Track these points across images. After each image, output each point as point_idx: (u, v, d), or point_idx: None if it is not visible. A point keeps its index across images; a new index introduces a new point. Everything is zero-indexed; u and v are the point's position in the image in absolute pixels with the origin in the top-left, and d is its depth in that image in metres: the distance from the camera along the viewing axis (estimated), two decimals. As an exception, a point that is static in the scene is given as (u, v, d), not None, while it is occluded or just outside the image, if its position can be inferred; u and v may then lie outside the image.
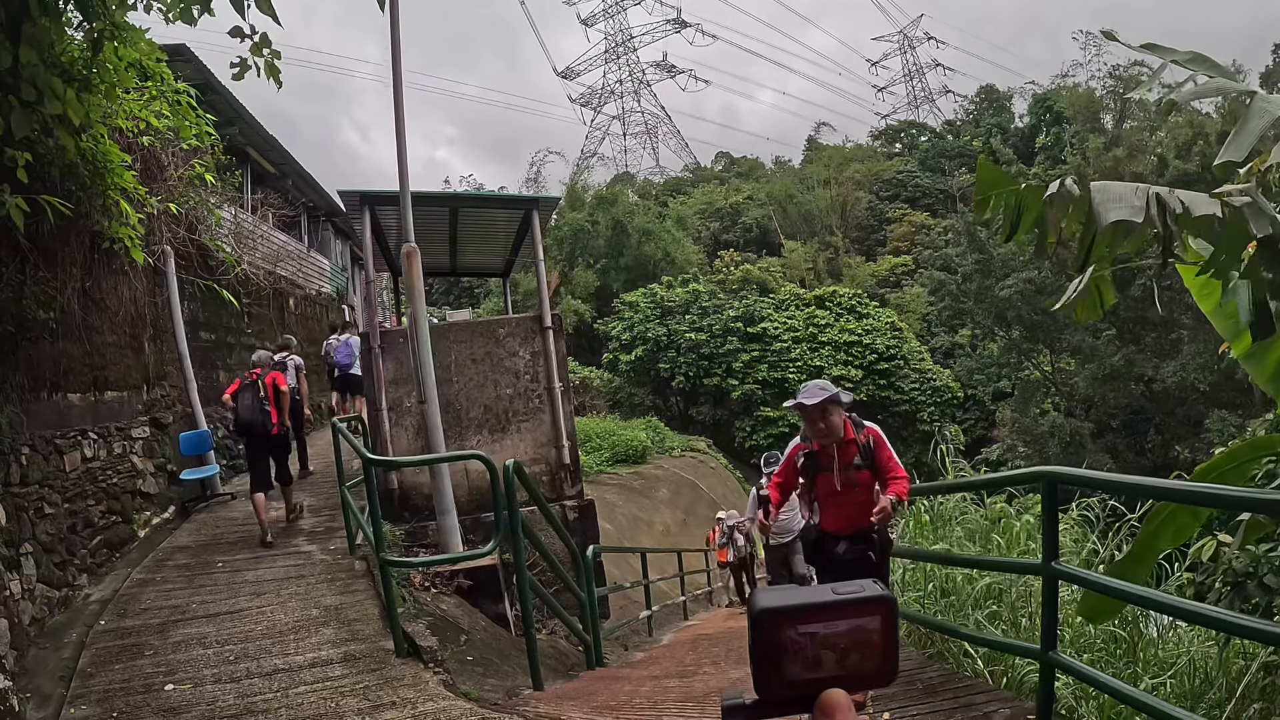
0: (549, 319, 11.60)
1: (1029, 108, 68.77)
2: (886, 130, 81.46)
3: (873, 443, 4.52)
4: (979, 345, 40.40)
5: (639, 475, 23.83)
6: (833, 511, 4.61)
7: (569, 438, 11.67)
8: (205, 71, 13.08)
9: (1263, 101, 3.21)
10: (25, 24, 5.02)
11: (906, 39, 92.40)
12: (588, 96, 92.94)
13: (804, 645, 0.89)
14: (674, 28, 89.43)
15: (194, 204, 10.45)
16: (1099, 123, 53.80)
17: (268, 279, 15.02)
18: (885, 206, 63.27)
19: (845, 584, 0.92)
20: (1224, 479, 3.80)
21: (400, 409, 10.82)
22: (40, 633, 6.00)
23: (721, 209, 64.57)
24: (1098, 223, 3.09)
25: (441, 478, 8.16)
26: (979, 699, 4.28)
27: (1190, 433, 27.74)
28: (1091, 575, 3.82)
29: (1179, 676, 4.53)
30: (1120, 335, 31.44)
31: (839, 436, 4.50)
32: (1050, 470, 3.70)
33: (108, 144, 6.79)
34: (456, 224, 13.29)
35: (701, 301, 36.75)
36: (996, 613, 5.39)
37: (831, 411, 4.46)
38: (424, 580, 7.44)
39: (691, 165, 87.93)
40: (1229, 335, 4.29)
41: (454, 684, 5.00)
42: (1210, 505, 3.84)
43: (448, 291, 54.03)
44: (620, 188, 57.94)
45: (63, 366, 7.29)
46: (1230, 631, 3.32)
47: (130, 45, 6.42)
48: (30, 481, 6.46)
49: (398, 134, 8.15)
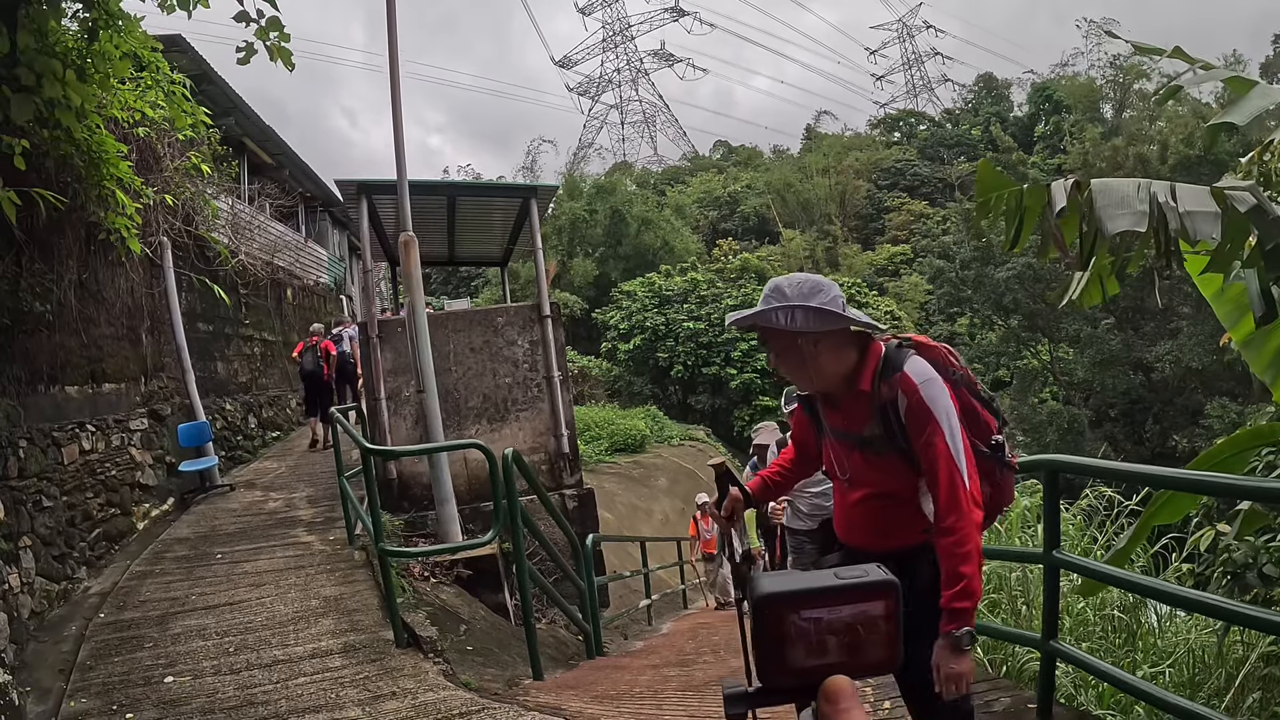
0: (547, 308, 11.60)
1: (1028, 97, 68.69)
2: (885, 119, 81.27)
3: (904, 408, 2.27)
4: (978, 334, 40.38)
5: (638, 464, 23.86)
6: (838, 509, 2.64)
7: (568, 426, 11.68)
8: (201, 62, 13.00)
9: (1265, 88, 3.21)
10: (22, 9, 4.99)
11: (905, 27, 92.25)
12: (585, 86, 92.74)
13: (807, 631, 0.88)
14: (671, 16, 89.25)
15: (190, 195, 10.41)
16: (1099, 112, 53.72)
17: (265, 270, 14.98)
18: (884, 195, 63.15)
19: (848, 568, 0.90)
20: (1225, 467, 3.80)
21: (399, 398, 10.82)
22: (39, 626, 5.99)
23: (720, 198, 64.47)
24: (1100, 233, 3.07)
25: (440, 467, 8.15)
26: (979, 687, 4.27)
27: (1188, 421, 27.75)
28: (1093, 564, 3.82)
29: (1178, 665, 4.55)
30: (1119, 324, 31.42)
31: (830, 384, 2.42)
32: (1051, 458, 3.69)
33: (103, 134, 6.75)
34: (454, 213, 13.26)
35: (700, 290, 36.67)
36: (996, 601, 5.40)
37: (780, 338, 2.36)
38: (423, 570, 7.44)
39: (690, 154, 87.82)
40: (1229, 322, 4.28)
41: (454, 674, 5.00)
42: (1212, 493, 3.85)
43: (445, 281, 53.93)
44: (618, 177, 57.81)
45: (60, 359, 7.27)
46: (1231, 620, 3.31)
47: (125, 34, 6.37)
48: (28, 475, 6.44)
49: (395, 123, 8.11)
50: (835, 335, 2.34)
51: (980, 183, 3.57)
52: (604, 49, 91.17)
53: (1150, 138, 35.36)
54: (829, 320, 2.28)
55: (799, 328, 2.29)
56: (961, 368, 2.46)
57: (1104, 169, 33.23)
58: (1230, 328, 4.30)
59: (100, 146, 6.70)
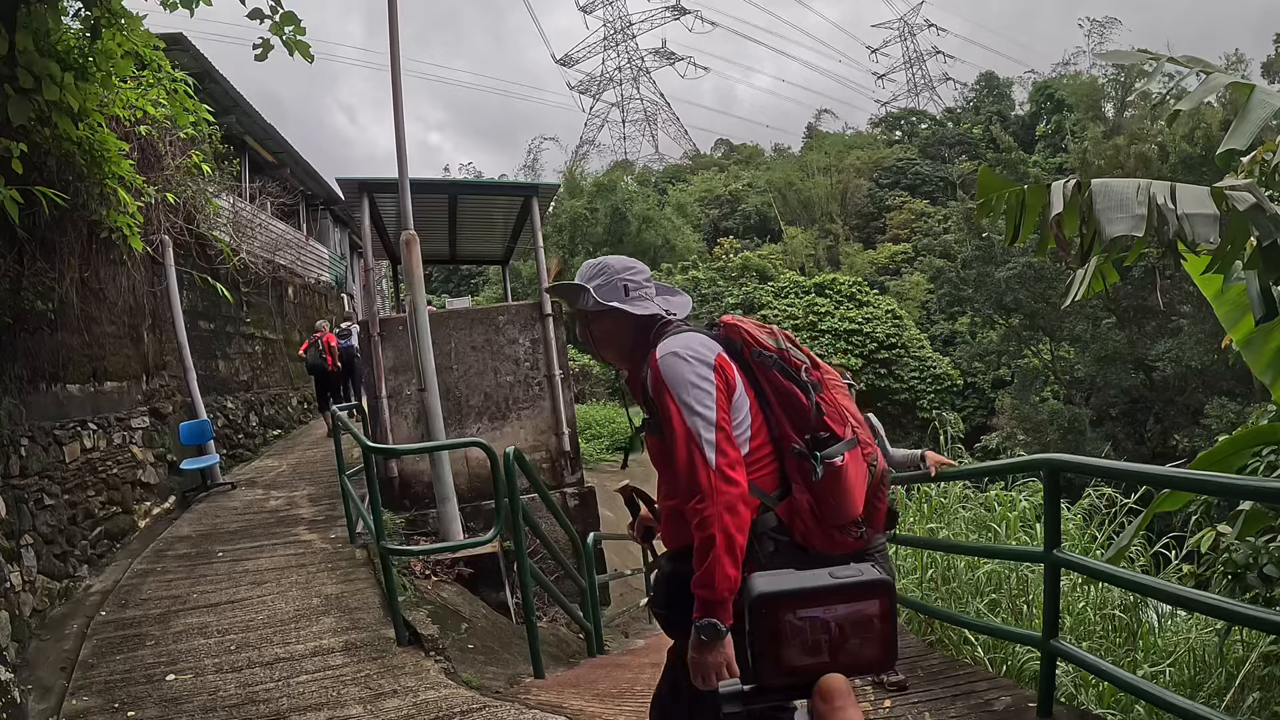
0: (549, 306, 11.60)
1: (1030, 95, 68.48)
2: (886, 117, 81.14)
3: (650, 384, 2.24)
4: (978, 333, 40.31)
5: (639, 462, 23.84)
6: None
7: (569, 425, 11.69)
8: (202, 60, 13.00)
9: (1263, 94, 3.21)
10: (21, 10, 4.99)
11: (907, 26, 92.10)
12: (587, 84, 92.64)
13: (803, 631, 0.88)
14: (673, 14, 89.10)
15: (192, 193, 10.42)
16: (1100, 111, 53.59)
17: (266, 268, 15.00)
18: (885, 194, 63.00)
19: (843, 568, 0.91)
20: (1225, 466, 3.81)
21: (400, 397, 10.82)
22: (41, 624, 6.00)
23: (721, 196, 64.36)
24: (1100, 235, 3.08)
25: (442, 465, 8.15)
26: (980, 686, 4.29)
27: (1189, 421, 27.70)
28: (1094, 563, 3.83)
29: (1178, 665, 4.55)
30: (1121, 323, 31.36)
31: (620, 364, 2.55)
32: (1052, 457, 3.69)
33: (105, 132, 6.75)
34: (456, 211, 13.26)
35: (701, 289, 36.64)
36: (996, 600, 5.40)
37: (585, 318, 2.49)
38: (425, 568, 7.44)
39: (691, 152, 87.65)
40: (1229, 322, 4.29)
41: (455, 672, 5.01)
42: (1212, 493, 3.85)
43: (447, 280, 53.90)
44: (619, 174, 57.74)
45: (62, 357, 7.27)
46: (1231, 620, 3.32)
47: (128, 33, 6.37)
48: (30, 473, 6.45)
49: (396, 121, 8.10)
50: (614, 315, 2.39)
51: (982, 186, 3.59)
52: (605, 47, 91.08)
53: (1151, 136, 35.30)
54: (606, 299, 2.38)
55: (579, 306, 2.43)
56: (775, 349, 2.32)
57: (1104, 168, 33.20)
58: (1230, 328, 4.30)
59: (102, 145, 6.70)
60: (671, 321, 2.40)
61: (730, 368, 2.24)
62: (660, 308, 2.40)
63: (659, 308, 2.40)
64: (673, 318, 2.42)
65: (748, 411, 2.25)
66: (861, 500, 2.25)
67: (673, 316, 2.42)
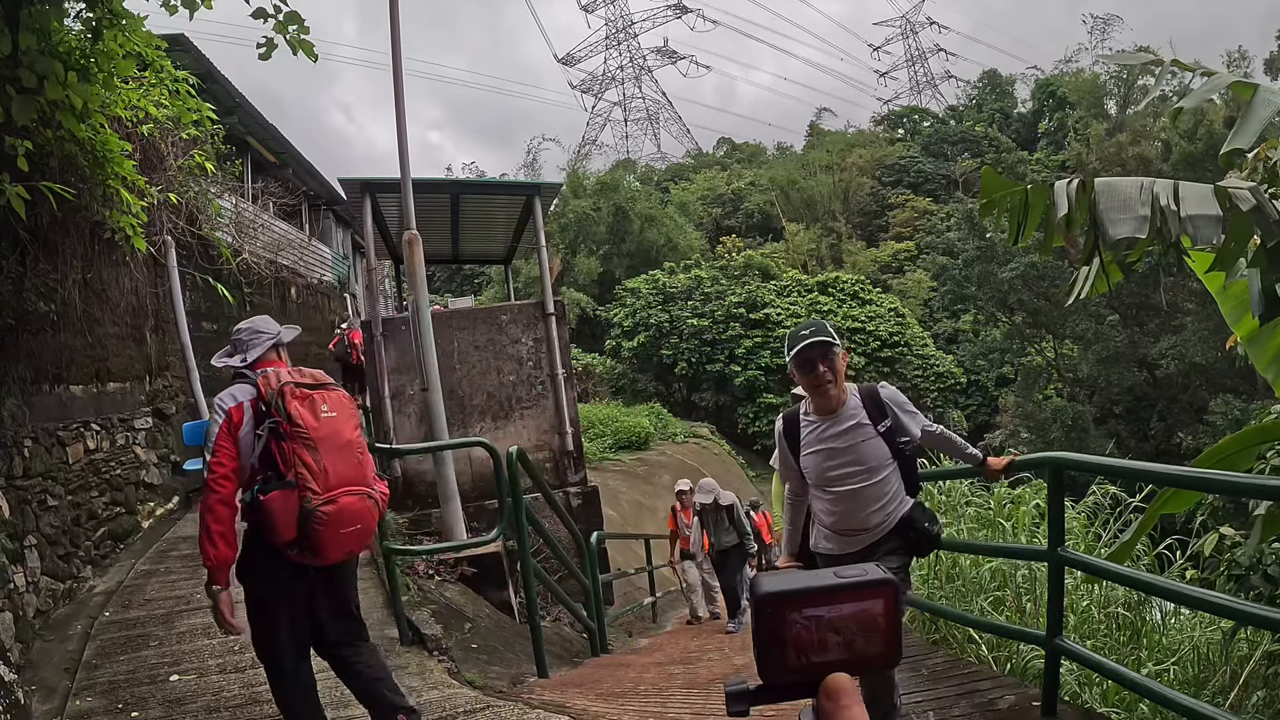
0: (551, 305, 11.61)
1: (1032, 93, 68.54)
2: (889, 115, 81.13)
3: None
4: (981, 330, 40.32)
5: (642, 461, 23.87)
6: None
7: (572, 424, 11.70)
8: (204, 61, 13.02)
9: (1266, 93, 3.20)
10: (24, 9, 4.98)
11: (909, 23, 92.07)
12: (588, 83, 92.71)
13: (808, 629, 0.88)
14: (675, 13, 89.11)
15: (194, 194, 10.42)
16: (1103, 108, 53.58)
17: (269, 268, 14.99)
18: (888, 192, 63.01)
19: (848, 567, 0.91)
20: (1229, 464, 3.79)
21: (403, 396, 10.83)
22: (45, 625, 6.01)
23: (723, 195, 64.39)
24: (1103, 237, 3.07)
25: (445, 465, 8.15)
26: (984, 685, 4.28)
27: (1193, 418, 27.69)
28: (1098, 561, 3.82)
29: (1182, 663, 4.54)
30: (1124, 321, 31.35)
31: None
32: (1056, 456, 3.69)
33: (107, 133, 6.75)
34: (458, 211, 13.27)
35: (704, 287, 36.66)
36: (1000, 599, 5.39)
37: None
38: (428, 568, 7.45)
39: (693, 151, 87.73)
40: (1233, 319, 4.28)
41: (458, 672, 5.01)
42: (1216, 491, 3.84)
43: (449, 279, 53.99)
44: (621, 173, 57.77)
45: (64, 358, 7.28)
46: (1235, 618, 3.31)
47: (130, 33, 6.37)
48: (33, 474, 6.46)
49: (398, 120, 8.11)
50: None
51: (985, 187, 3.59)
52: (607, 46, 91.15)
53: (1154, 134, 35.29)
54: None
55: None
56: (275, 389, 3.45)
57: (1103, 167, 33.17)
58: (1234, 324, 4.29)
59: (104, 145, 6.70)
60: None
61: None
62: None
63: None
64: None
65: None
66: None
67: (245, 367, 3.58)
